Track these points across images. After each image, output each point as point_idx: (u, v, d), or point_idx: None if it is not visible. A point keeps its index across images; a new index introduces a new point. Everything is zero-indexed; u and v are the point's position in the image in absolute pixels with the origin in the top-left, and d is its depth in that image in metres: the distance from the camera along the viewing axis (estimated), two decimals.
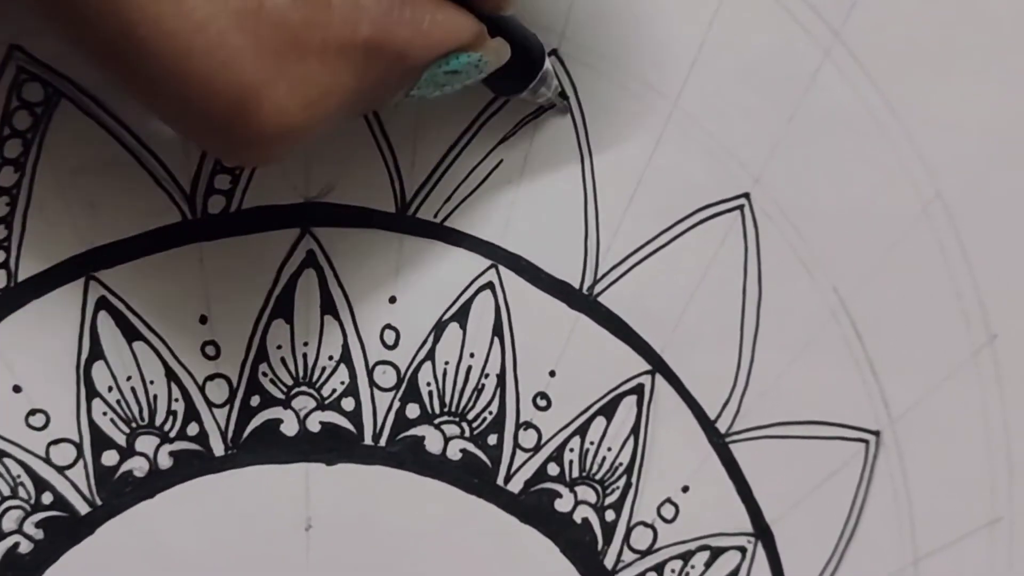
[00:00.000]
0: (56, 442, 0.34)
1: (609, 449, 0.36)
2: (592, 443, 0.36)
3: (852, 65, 0.35)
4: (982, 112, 0.35)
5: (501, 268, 0.35)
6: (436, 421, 0.35)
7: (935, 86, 0.35)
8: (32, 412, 0.34)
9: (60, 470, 0.34)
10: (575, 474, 0.36)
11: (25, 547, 0.34)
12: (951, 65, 0.35)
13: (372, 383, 0.35)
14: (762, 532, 0.37)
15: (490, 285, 0.35)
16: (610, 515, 0.36)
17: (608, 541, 0.36)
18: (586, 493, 0.36)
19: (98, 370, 0.34)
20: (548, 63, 0.32)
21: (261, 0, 0.24)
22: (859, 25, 0.34)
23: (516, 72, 0.31)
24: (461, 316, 0.35)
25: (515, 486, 0.36)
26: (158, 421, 0.34)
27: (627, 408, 0.36)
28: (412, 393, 0.35)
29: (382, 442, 0.35)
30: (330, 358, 0.35)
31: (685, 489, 0.36)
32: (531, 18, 0.33)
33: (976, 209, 0.36)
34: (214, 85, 0.24)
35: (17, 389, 0.33)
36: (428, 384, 0.35)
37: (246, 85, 0.24)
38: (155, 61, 0.24)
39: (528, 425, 0.36)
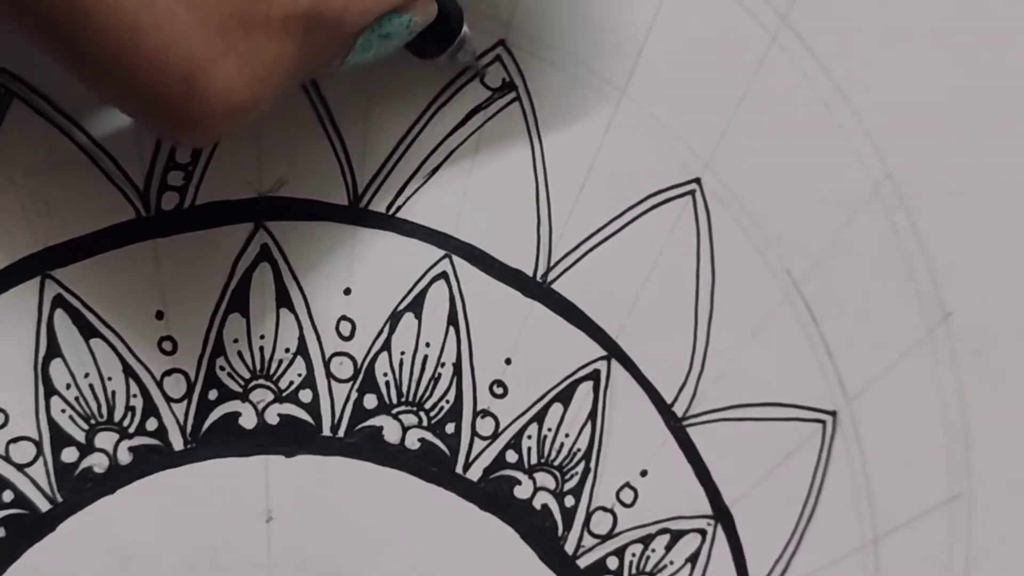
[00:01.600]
0: (15, 440, 0.34)
1: (567, 435, 0.36)
2: (550, 430, 0.36)
3: (799, 48, 0.35)
4: (931, 92, 0.36)
5: (455, 258, 0.35)
6: (394, 411, 0.35)
7: (883, 68, 0.35)
8: None
9: (20, 468, 0.34)
10: (533, 461, 0.36)
11: None
12: (898, 46, 0.35)
13: (329, 374, 0.35)
14: (721, 514, 0.37)
15: (444, 275, 0.35)
16: (569, 501, 0.36)
17: (568, 527, 0.36)
18: (545, 479, 0.36)
19: (56, 368, 0.34)
20: (466, 27, 0.33)
21: None
22: (805, 8, 0.35)
23: (436, 35, 0.32)
24: (416, 306, 0.35)
25: (474, 474, 0.36)
26: (117, 417, 0.34)
27: (584, 394, 0.36)
28: (369, 384, 0.35)
29: (340, 433, 0.35)
30: (287, 351, 0.35)
31: (643, 473, 0.37)
32: (477, 8, 0.34)
33: (927, 188, 0.36)
34: (162, 62, 0.24)
35: None
36: (385, 374, 0.35)
37: (195, 62, 0.24)
38: (101, 37, 0.23)
39: (485, 413, 0.36)
